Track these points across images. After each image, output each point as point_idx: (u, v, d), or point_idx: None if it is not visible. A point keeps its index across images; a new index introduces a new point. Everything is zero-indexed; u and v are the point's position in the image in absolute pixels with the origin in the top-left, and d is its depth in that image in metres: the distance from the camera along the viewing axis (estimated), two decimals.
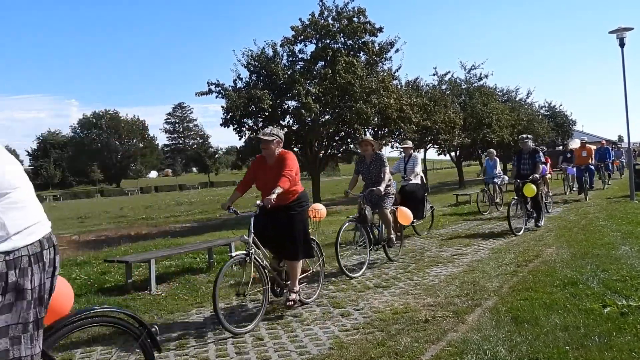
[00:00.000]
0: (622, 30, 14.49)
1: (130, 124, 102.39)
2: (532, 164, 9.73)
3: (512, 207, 9.51)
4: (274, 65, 17.23)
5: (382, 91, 18.03)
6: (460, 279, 6.23)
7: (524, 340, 3.93)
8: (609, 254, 6.89)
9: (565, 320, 4.29)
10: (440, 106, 23.93)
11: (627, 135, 15.84)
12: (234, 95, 16.73)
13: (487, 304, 5.03)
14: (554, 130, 42.43)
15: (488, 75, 30.99)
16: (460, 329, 4.33)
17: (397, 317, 4.81)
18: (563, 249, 7.62)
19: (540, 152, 9.84)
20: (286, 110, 18.05)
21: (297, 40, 18.03)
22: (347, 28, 17.66)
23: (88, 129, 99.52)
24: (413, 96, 21.40)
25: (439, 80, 28.24)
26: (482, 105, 28.32)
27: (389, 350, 3.95)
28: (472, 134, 27.96)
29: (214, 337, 4.61)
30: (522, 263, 6.86)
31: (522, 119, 33.39)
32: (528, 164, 9.80)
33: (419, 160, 9.98)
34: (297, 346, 4.22)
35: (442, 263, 7.33)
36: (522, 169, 9.89)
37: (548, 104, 46.56)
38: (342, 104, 17.47)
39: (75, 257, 9.94)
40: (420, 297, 5.51)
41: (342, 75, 16.77)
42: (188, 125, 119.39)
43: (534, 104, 41.08)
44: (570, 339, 3.88)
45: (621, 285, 5.23)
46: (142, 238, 14.45)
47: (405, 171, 9.81)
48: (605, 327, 4.05)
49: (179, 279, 7.18)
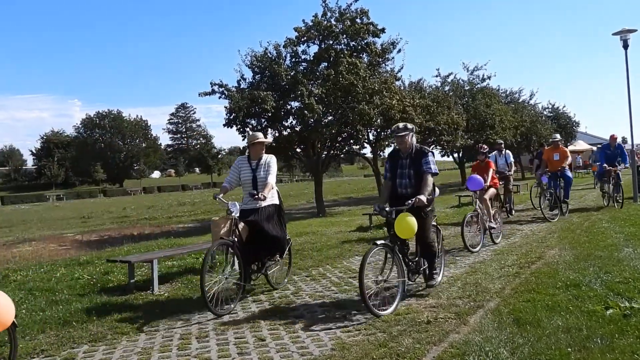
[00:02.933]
0: (626, 32, 14.48)
1: (133, 124, 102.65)
2: (415, 176, 5.61)
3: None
4: (277, 66, 17.23)
5: (384, 92, 18.02)
6: (462, 280, 6.23)
7: (526, 342, 3.93)
8: (612, 255, 6.88)
9: (567, 322, 4.29)
10: (443, 107, 23.91)
11: (631, 136, 15.84)
12: (237, 96, 16.73)
13: (489, 306, 5.02)
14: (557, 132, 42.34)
15: (491, 77, 31.04)
16: (462, 331, 4.33)
17: (399, 318, 4.81)
18: (566, 250, 7.60)
19: (429, 154, 5.65)
20: (289, 111, 18.05)
21: (300, 41, 18.02)
22: (350, 29, 17.65)
23: (91, 129, 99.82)
24: (416, 97, 21.38)
25: (442, 81, 28.30)
26: (485, 107, 28.32)
27: (390, 352, 3.95)
28: (475, 135, 27.93)
29: (216, 337, 4.62)
30: (524, 265, 6.85)
31: (525, 121, 33.38)
32: (408, 175, 5.67)
33: None
34: (298, 347, 4.22)
35: (444, 264, 7.32)
36: (399, 184, 5.71)
37: (551, 106, 46.55)
38: (344, 105, 17.46)
39: (78, 257, 9.97)
40: (422, 299, 5.51)
41: (345, 76, 16.76)
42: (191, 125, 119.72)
43: (537, 106, 41.13)
44: (572, 340, 3.87)
45: (624, 287, 5.22)
46: (144, 238, 14.48)
47: None
48: (607, 329, 4.05)
49: (182, 279, 7.20)
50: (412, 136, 5.71)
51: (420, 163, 5.62)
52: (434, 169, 5.62)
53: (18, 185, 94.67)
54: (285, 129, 18.69)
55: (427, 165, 5.58)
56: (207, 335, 4.68)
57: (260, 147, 6.25)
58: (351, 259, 8.15)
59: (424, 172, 5.55)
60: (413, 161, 5.67)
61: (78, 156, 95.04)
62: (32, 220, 28.45)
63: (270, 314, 5.28)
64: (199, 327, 4.96)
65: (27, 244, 15.51)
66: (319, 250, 9.18)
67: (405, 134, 5.63)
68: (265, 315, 5.22)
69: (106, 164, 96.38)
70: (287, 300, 5.80)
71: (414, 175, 5.65)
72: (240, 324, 4.96)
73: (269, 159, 6.22)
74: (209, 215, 22.86)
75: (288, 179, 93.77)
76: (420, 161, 5.62)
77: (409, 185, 5.69)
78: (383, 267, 5.30)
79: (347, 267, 7.55)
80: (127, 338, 4.69)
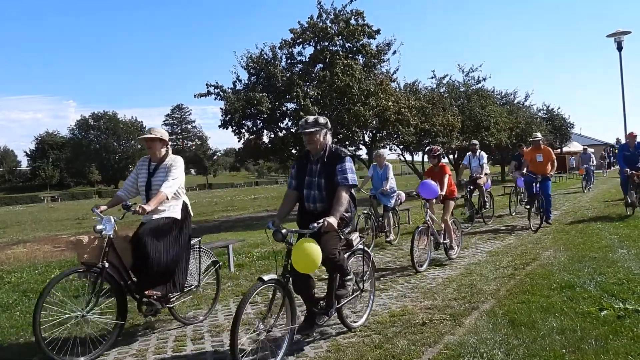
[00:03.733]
0: (620, 34, 14.58)
1: (128, 125, 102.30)
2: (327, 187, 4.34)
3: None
4: (273, 67, 17.26)
5: (380, 94, 18.07)
6: (457, 281, 6.24)
7: (521, 343, 3.94)
8: (606, 257, 6.91)
9: (562, 324, 4.30)
10: (438, 109, 23.98)
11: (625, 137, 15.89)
12: (232, 97, 16.74)
13: (484, 307, 5.03)
14: (552, 133, 42.51)
15: (486, 78, 31.13)
16: (457, 332, 4.34)
17: (394, 319, 4.82)
18: (560, 252, 7.63)
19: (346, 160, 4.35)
20: (285, 113, 18.07)
21: (295, 42, 18.06)
22: (345, 30, 17.69)
23: (86, 130, 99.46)
24: (411, 99, 21.44)
25: (437, 83, 28.35)
26: (480, 108, 28.39)
27: (386, 353, 3.95)
28: (471, 137, 27.97)
29: (211, 339, 4.61)
30: (519, 266, 6.87)
31: (520, 122, 33.47)
32: (318, 185, 4.39)
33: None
34: (295, 349, 4.21)
35: (440, 266, 7.34)
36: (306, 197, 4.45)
37: (546, 107, 46.66)
38: (340, 106, 17.50)
39: (72, 259, 9.92)
40: (417, 300, 5.51)
41: (341, 78, 16.80)
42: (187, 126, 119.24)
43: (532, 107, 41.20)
44: (567, 342, 3.89)
45: (618, 289, 5.24)
46: None
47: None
48: (602, 331, 4.06)
49: None
50: (326, 134, 4.40)
51: (333, 171, 4.31)
52: (350, 179, 4.27)
53: (12, 186, 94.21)
54: (281, 131, 18.70)
55: (342, 175, 4.27)
56: (202, 337, 4.67)
57: (154, 144, 4.84)
58: None
59: (337, 184, 4.25)
60: (325, 167, 4.35)
61: (73, 157, 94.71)
62: (27, 222, 28.30)
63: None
64: (193, 329, 4.94)
65: (22, 245, 15.42)
66: None
67: (315, 131, 4.31)
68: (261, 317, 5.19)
69: (101, 165, 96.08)
70: None
71: (325, 186, 4.33)
72: None
73: (172, 160, 4.88)
74: (205, 217, 22.80)
75: (284, 180, 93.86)
76: (333, 168, 4.32)
77: (318, 199, 4.38)
78: (269, 311, 3.96)
79: None
80: (122, 340, 4.67)
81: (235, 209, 27.87)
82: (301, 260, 3.88)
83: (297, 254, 3.88)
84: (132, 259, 4.60)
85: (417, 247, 7.12)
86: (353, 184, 4.31)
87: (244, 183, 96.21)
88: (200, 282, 5.22)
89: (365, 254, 4.82)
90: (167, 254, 4.64)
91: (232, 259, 7.95)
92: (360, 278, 4.77)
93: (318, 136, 4.36)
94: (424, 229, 7.37)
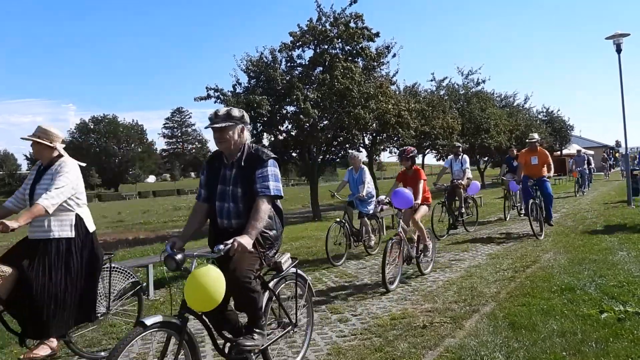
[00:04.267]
0: (619, 36, 14.57)
1: (128, 128, 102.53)
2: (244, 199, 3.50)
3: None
4: (273, 70, 17.27)
5: (380, 96, 18.08)
6: (458, 284, 6.24)
7: (521, 346, 3.94)
8: (607, 259, 6.91)
9: (562, 326, 4.30)
10: (438, 111, 24.01)
11: (625, 140, 15.91)
12: (232, 101, 16.74)
13: (485, 310, 5.04)
14: (552, 136, 42.53)
15: (485, 81, 31.19)
16: (457, 335, 4.34)
17: (394, 322, 4.82)
18: (560, 254, 7.63)
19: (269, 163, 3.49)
20: (285, 116, 18.08)
21: (295, 45, 18.07)
22: (344, 33, 17.71)
23: (86, 134, 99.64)
24: (411, 101, 21.45)
25: (437, 85, 28.42)
26: (480, 111, 28.44)
27: (386, 356, 3.96)
28: (470, 139, 28.05)
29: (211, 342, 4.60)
30: (519, 269, 6.87)
31: (519, 124, 33.50)
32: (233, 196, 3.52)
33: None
34: (294, 352, 4.21)
35: (440, 269, 7.34)
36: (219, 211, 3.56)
37: (546, 109, 46.68)
38: (340, 109, 17.50)
39: None
40: (418, 303, 5.51)
41: (340, 81, 16.80)
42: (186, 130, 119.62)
43: (532, 109, 41.24)
44: (567, 344, 3.89)
45: (618, 291, 5.24)
46: (140, 243, 14.42)
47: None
48: (602, 333, 4.06)
49: (177, 284, 7.17)
50: (243, 130, 3.47)
51: (253, 177, 3.42)
52: (273, 187, 3.39)
53: (12, 189, 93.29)
54: (281, 134, 18.71)
55: (263, 182, 3.37)
56: (202, 340, 4.67)
57: (37, 145, 4.11)
58: (346, 263, 8.15)
59: (256, 193, 3.36)
60: (242, 173, 3.45)
61: None
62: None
63: None
64: (194, 332, 4.92)
65: None
66: (314, 254, 9.18)
67: (228, 126, 3.40)
68: None
69: (101, 169, 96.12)
70: None
71: (242, 197, 3.43)
72: None
73: (59, 165, 4.06)
74: None
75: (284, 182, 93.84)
76: (253, 174, 3.42)
77: (233, 214, 3.45)
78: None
79: (342, 272, 7.54)
80: None
81: None
82: (194, 293, 2.96)
83: (190, 286, 2.97)
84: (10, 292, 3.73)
85: (389, 261, 6.17)
86: (276, 194, 3.43)
87: None
88: (109, 309, 4.46)
89: (300, 279, 3.96)
90: (47, 286, 3.80)
91: None
92: (294, 310, 3.87)
93: (231, 133, 3.42)
94: (397, 241, 6.40)
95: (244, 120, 3.50)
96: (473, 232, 10.99)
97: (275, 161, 3.52)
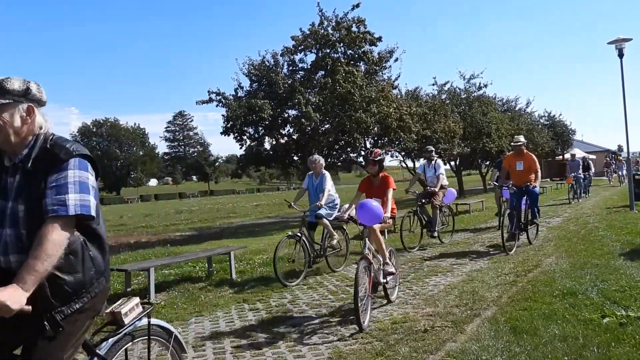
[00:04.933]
0: (621, 40, 14.59)
1: (130, 132, 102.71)
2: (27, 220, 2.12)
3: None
4: (275, 74, 17.32)
5: (381, 100, 18.09)
6: (459, 288, 6.22)
7: (523, 350, 3.93)
8: (609, 264, 6.89)
9: (564, 331, 4.29)
10: (440, 115, 24.00)
11: (627, 145, 15.90)
12: (234, 104, 16.79)
13: (486, 314, 5.02)
14: (554, 140, 42.51)
15: (487, 85, 31.19)
16: (459, 339, 4.33)
17: (395, 326, 4.81)
18: (562, 258, 7.62)
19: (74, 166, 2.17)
20: (286, 119, 18.11)
21: (297, 49, 18.13)
22: (346, 37, 17.77)
23: (88, 137, 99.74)
24: (413, 105, 21.45)
25: (439, 89, 28.41)
26: (481, 115, 28.42)
27: None
28: (472, 144, 28.01)
29: (212, 346, 4.61)
30: (521, 273, 6.85)
31: (521, 129, 33.45)
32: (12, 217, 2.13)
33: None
34: (295, 356, 4.21)
35: (441, 272, 7.33)
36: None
37: (547, 114, 46.70)
38: (342, 113, 17.53)
39: None
40: (419, 307, 5.50)
41: (342, 85, 16.84)
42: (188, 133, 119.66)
43: (534, 114, 41.23)
44: (569, 349, 3.88)
45: (620, 296, 5.23)
46: (141, 246, 14.41)
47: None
48: (604, 338, 4.05)
49: (178, 287, 7.18)
50: (31, 113, 2.27)
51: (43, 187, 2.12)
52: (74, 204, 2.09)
53: None
54: (283, 137, 18.74)
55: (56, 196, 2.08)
56: (203, 345, 4.67)
57: None
58: (348, 267, 8.14)
59: (45, 212, 2.06)
60: (30, 180, 2.16)
61: None
62: None
63: (267, 322, 5.27)
64: (195, 335, 4.94)
65: None
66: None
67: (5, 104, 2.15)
68: (262, 324, 5.21)
69: (103, 172, 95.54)
70: (284, 309, 5.79)
71: (25, 219, 2.12)
72: (237, 333, 4.95)
73: None
74: (207, 224, 22.82)
75: (285, 186, 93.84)
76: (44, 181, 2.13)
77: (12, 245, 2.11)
78: None
79: (344, 276, 7.54)
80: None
81: (237, 215, 27.86)
82: None
83: None
84: None
85: (362, 290, 4.91)
86: (82, 214, 2.12)
87: (246, 190, 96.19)
88: None
89: (160, 333, 2.77)
90: None
91: (234, 266, 7.94)
92: None
93: (6, 116, 2.16)
94: (367, 265, 5.13)
95: (31, 96, 2.26)
96: (449, 243, 10.19)
97: (84, 160, 2.23)
